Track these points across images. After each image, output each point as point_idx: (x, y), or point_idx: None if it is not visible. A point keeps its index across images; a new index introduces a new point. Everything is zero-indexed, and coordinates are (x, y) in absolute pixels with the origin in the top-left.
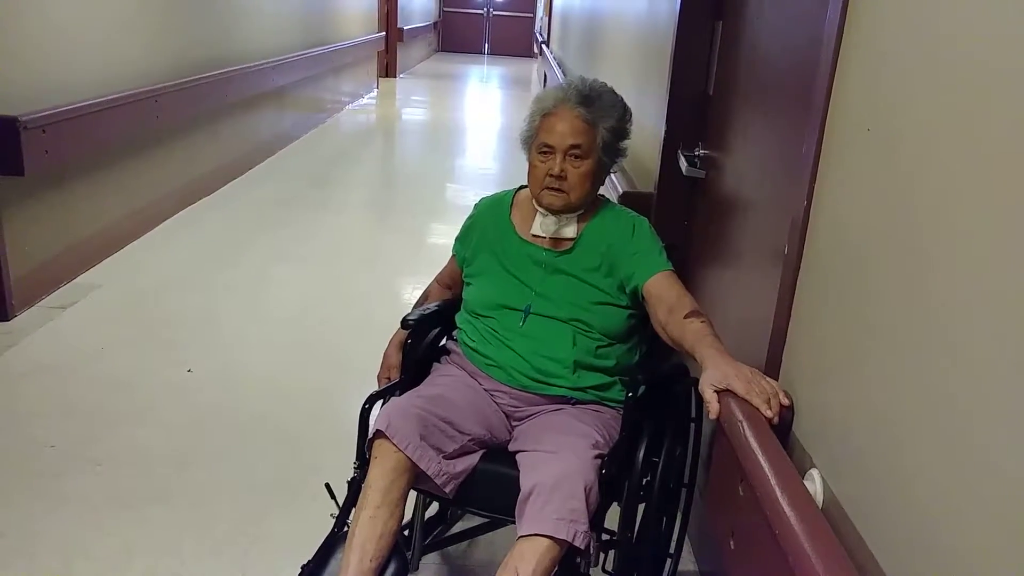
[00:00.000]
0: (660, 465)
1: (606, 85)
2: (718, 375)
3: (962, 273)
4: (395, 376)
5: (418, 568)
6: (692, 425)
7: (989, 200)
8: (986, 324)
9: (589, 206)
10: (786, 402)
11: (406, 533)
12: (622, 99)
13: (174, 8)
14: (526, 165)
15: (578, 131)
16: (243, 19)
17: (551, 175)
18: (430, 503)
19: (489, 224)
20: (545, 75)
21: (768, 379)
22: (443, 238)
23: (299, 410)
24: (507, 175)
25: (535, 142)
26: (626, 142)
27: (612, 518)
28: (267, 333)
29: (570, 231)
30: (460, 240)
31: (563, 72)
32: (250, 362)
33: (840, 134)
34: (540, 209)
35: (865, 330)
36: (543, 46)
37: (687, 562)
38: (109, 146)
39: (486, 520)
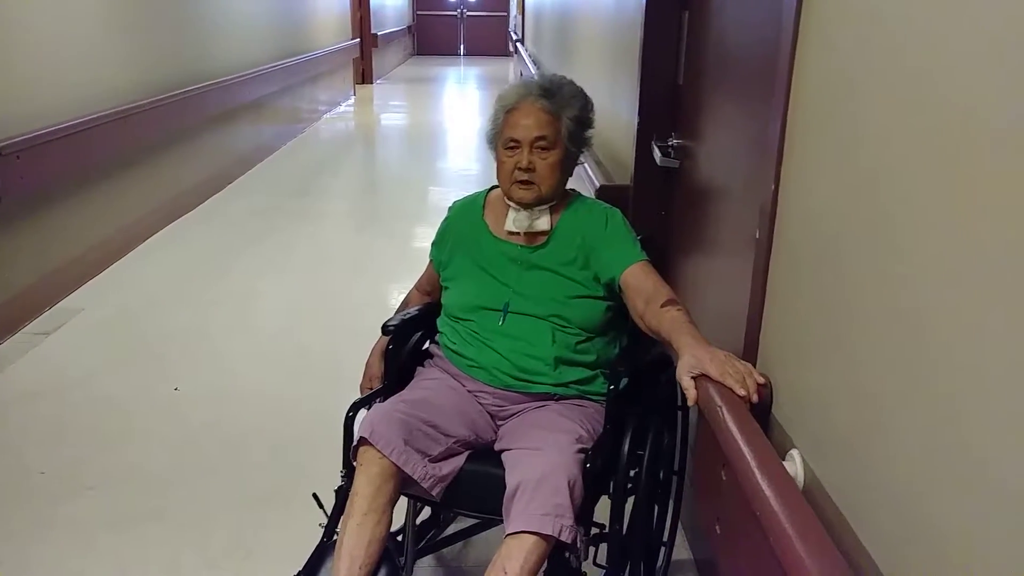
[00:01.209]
0: (646, 456)
1: (565, 78)
2: (693, 361)
3: (929, 251)
4: (377, 386)
5: (412, 573)
6: (680, 413)
7: (949, 177)
8: (956, 301)
9: (561, 199)
10: (761, 380)
11: (399, 539)
12: (582, 90)
13: (145, 26)
14: None
15: (542, 123)
16: (216, 33)
17: (519, 168)
18: (421, 508)
19: (463, 226)
20: (521, 73)
21: (742, 361)
22: (428, 241)
23: (291, 421)
24: (488, 175)
25: (501, 138)
26: (591, 131)
27: (605, 511)
28: (255, 346)
29: (543, 224)
30: (436, 245)
31: (539, 69)
32: (239, 376)
33: (803, 117)
34: (512, 204)
35: (839, 311)
36: (518, 44)
37: (681, 551)
38: (86, 168)
39: (479, 520)
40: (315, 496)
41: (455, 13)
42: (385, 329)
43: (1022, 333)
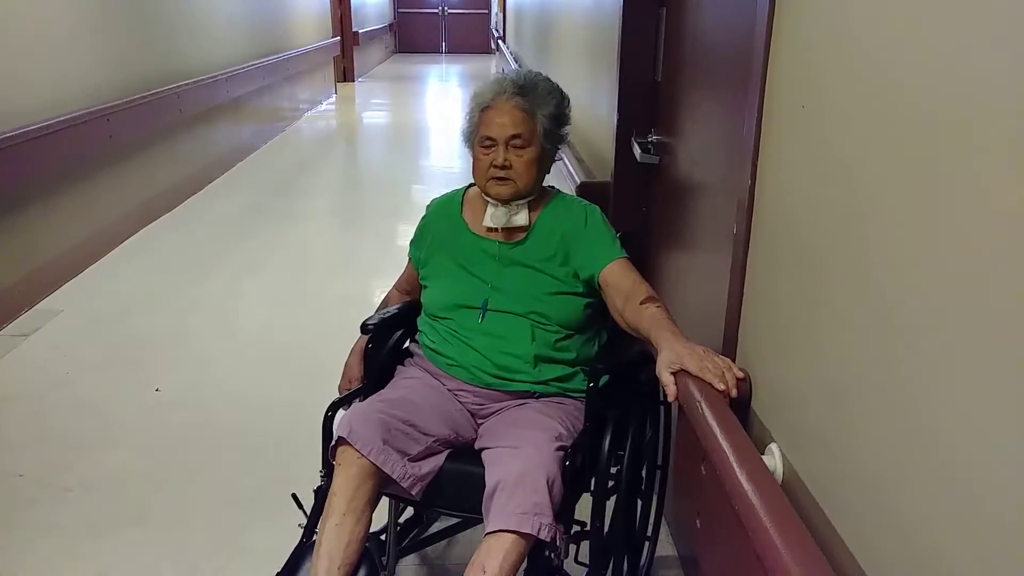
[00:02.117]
0: (626, 454)
1: (541, 74)
2: (672, 356)
3: (902, 245)
4: (356, 386)
5: (394, 572)
6: (662, 408)
7: (922, 173)
8: (929, 296)
9: (540, 196)
10: (740, 375)
11: (383, 538)
12: (558, 86)
13: (122, 24)
14: None
15: (517, 121)
16: (194, 31)
17: (495, 165)
18: (404, 507)
19: (442, 224)
20: (503, 70)
21: (721, 356)
22: (409, 240)
23: (273, 422)
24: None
25: (476, 136)
26: (567, 128)
27: (587, 509)
28: (237, 347)
29: (521, 219)
30: (414, 243)
31: (520, 66)
32: (221, 377)
33: (778, 112)
34: (489, 200)
35: (815, 305)
36: (499, 42)
37: (665, 547)
38: (62, 169)
39: (462, 519)
40: (294, 496)
41: (437, 11)
42: (364, 328)
43: (993, 328)
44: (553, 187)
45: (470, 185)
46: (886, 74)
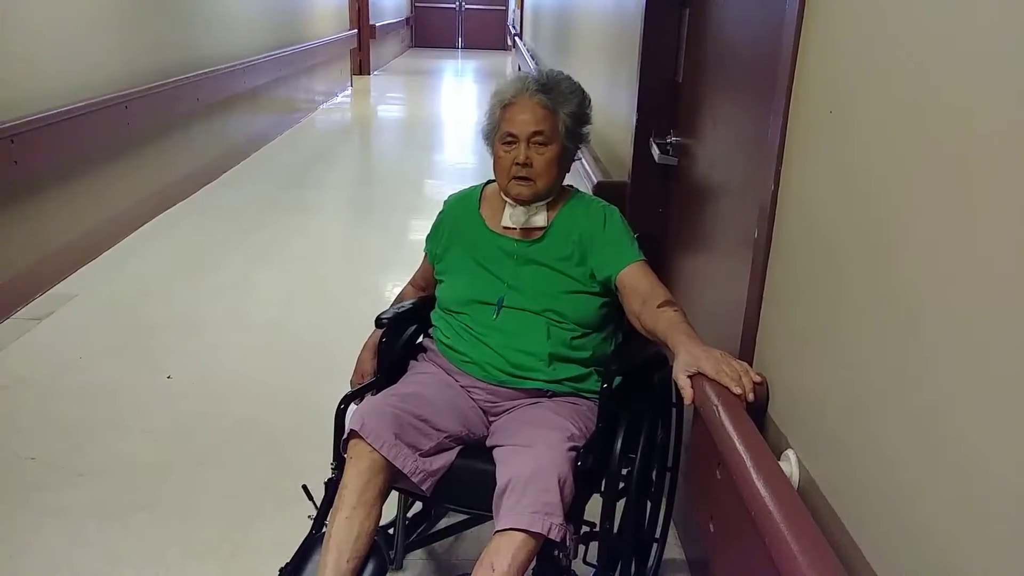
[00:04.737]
0: (638, 456)
1: (563, 73)
2: (689, 359)
3: (926, 253)
4: (368, 381)
5: (402, 566)
6: (674, 410)
7: (948, 180)
8: (951, 303)
9: (559, 195)
10: (757, 379)
11: (390, 532)
12: (580, 86)
13: (141, 12)
14: None
15: (540, 118)
16: (212, 21)
17: (517, 163)
18: (413, 501)
19: (459, 219)
20: (519, 67)
21: (738, 360)
22: (423, 234)
23: (283, 413)
24: (485, 168)
25: (498, 133)
26: (587, 127)
27: (597, 509)
28: (248, 337)
29: (540, 220)
30: (430, 239)
31: (537, 64)
32: (232, 367)
33: (804, 117)
34: (509, 200)
35: (836, 311)
36: (516, 39)
37: (673, 550)
38: (80, 154)
39: (470, 515)
40: (305, 488)
41: (453, 5)
42: (379, 322)
43: (1015, 335)
44: (572, 186)
45: (488, 182)
46: (919, 81)
